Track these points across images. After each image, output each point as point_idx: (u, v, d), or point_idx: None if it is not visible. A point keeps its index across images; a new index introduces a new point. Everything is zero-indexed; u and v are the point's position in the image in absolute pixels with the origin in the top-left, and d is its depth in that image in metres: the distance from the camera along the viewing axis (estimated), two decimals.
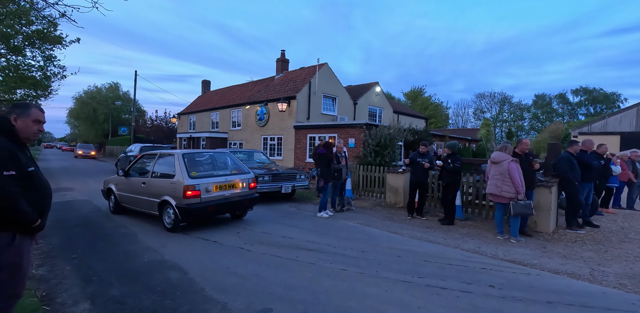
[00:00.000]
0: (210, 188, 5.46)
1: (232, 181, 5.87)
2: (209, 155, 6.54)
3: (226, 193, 5.70)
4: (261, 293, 3.10)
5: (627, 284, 3.58)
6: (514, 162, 5.26)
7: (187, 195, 5.17)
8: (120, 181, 6.51)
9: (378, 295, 3.12)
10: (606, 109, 48.41)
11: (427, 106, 44.53)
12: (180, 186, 5.20)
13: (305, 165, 14.56)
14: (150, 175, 5.86)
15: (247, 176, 6.22)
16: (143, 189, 5.87)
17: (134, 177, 6.24)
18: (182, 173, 5.30)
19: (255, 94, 18.69)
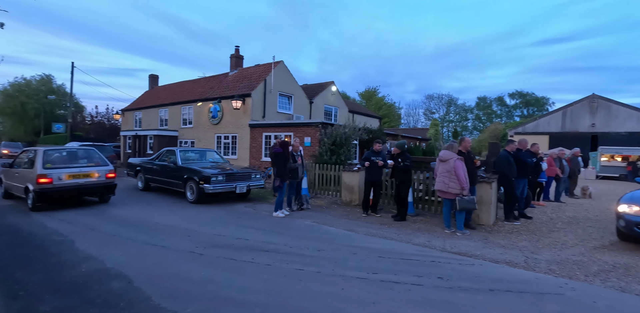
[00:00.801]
0: (62, 176, 6.92)
1: (87, 171, 7.32)
2: (72, 151, 7.80)
3: (80, 180, 7.16)
4: (215, 299, 2.98)
5: (556, 269, 3.98)
6: (460, 160, 5.60)
7: (40, 182, 6.65)
8: (6, 172, 8.18)
9: (335, 294, 3.14)
10: (537, 111, 53.53)
11: (381, 106, 46.00)
12: (35, 175, 6.68)
13: (261, 164, 14.32)
14: (21, 166, 7.43)
15: (105, 168, 7.60)
16: (16, 177, 7.50)
17: (14, 168, 7.73)
18: (38, 165, 6.80)
19: (208, 91, 18.00)
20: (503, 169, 6.43)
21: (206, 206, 7.76)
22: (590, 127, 24.83)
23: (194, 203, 8.03)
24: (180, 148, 9.66)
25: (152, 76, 24.96)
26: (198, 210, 7.23)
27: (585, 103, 25.24)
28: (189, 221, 6.12)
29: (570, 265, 4.16)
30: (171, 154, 9.42)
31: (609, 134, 24.04)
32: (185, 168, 8.50)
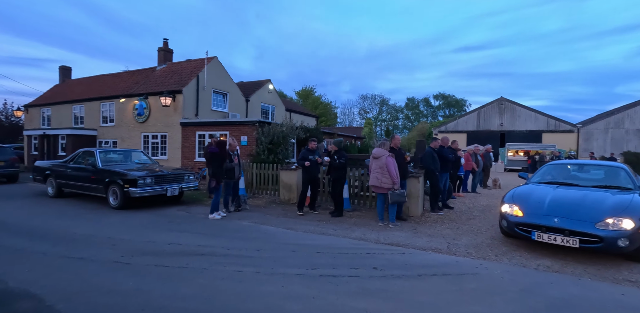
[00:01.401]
0: None
1: None
2: None
3: None
4: (146, 309, 2.77)
5: (473, 252, 4.47)
6: (391, 156, 5.98)
7: None
8: None
9: (275, 292, 3.14)
10: (457, 112, 59.16)
11: (318, 105, 46.79)
12: None
13: (194, 165, 13.61)
14: None
15: None
16: None
17: None
18: None
19: (133, 86, 16.52)
20: (429, 165, 7.01)
21: (133, 211, 7.15)
22: (499, 126, 28.23)
23: (118, 208, 7.34)
24: (100, 149, 8.74)
25: (63, 68, 22.10)
26: (123, 217, 6.63)
27: (495, 105, 28.61)
28: (112, 229, 5.58)
29: (484, 247, 4.71)
30: (89, 156, 8.47)
31: (514, 132, 27.60)
32: (107, 171, 7.72)
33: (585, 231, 3.99)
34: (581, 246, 4.01)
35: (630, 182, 5.11)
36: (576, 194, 4.65)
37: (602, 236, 3.90)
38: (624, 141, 24.14)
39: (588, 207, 4.25)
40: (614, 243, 3.85)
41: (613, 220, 3.99)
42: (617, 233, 3.88)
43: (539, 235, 4.25)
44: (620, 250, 3.91)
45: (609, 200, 4.38)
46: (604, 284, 3.52)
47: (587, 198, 4.47)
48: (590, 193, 4.67)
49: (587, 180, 5.48)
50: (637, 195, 4.54)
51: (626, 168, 5.51)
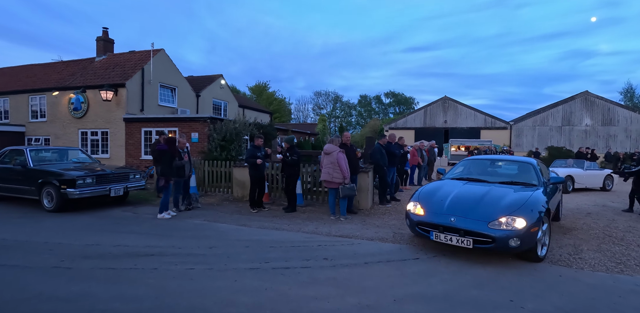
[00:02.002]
0: None
1: None
2: None
3: None
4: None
5: (415, 240, 4.86)
6: (342, 152, 6.23)
7: None
8: None
9: (228, 286, 3.21)
10: (406, 109, 61.93)
11: (272, 101, 46.29)
12: None
13: (140, 163, 12.90)
14: None
15: None
16: None
17: None
18: None
19: (67, 78, 15.16)
20: (377, 160, 7.40)
21: (72, 214, 6.68)
22: (444, 123, 30.15)
23: (54, 211, 6.80)
24: (31, 147, 7.99)
25: None
26: (61, 220, 6.18)
27: (440, 104, 30.48)
28: (49, 233, 5.21)
29: None
30: (18, 155, 7.71)
31: (456, 129, 29.64)
32: (40, 171, 7.10)
33: (479, 231, 3.81)
34: (475, 246, 3.83)
35: (536, 178, 4.96)
36: (479, 192, 4.44)
37: (494, 237, 3.71)
38: (548, 137, 27.08)
39: (486, 205, 4.07)
40: (506, 243, 3.68)
41: (506, 218, 3.81)
42: (509, 233, 3.69)
43: (436, 235, 4.06)
44: (512, 250, 3.79)
45: (507, 198, 4.19)
46: (523, 262, 4.05)
47: (487, 196, 4.28)
48: (493, 189, 4.50)
49: (497, 176, 5.36)
50: (536, 192, 4.40)
51: (534, 164, 5.35)
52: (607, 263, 4.08)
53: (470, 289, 3.21)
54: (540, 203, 4.16)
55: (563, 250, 4.52)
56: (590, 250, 4.58)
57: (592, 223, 6.15)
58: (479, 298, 3.03)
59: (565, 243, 4.84)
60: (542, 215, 4.00)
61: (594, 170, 11.39)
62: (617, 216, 6.83)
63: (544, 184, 4.85)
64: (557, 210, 5.85)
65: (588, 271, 3.79)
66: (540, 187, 4.68)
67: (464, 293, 3.12)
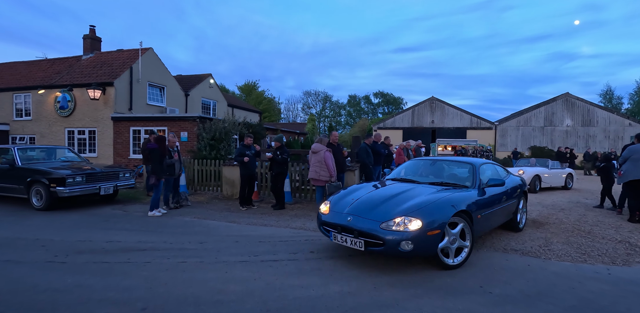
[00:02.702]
0: None
1: None
2: None
3: None
4: (88, 302, 2.85)
5: None
6: (329, 151, 6.46)
7: None
8: None
9: (218, 277, 3.39)
10: (395, 109, 62.63)
11: (261, 101, 46.27)
12: None
13: (128, 162, 12.89)
14: None
15: None
16: None
17: None
18: None
19: (53, 76, 15.00)
20: (363, 159, 7.64)
21: (61, 212, 6.74)
22: (431, 123, 30.70)
23: (44, 210, 6.84)
24: (18, 146, 7.98)
25: None
26: (51, 218, 6.25)
27: (427, 104, 31.03)
28: (40, 231, 5.29)
29: None
30: (5, 154, 7.70)
31: (443, 129, 30.23)
32: (29, 169, 7.12)
33: (370, 232, 3.49)
34: (368, 249, 3.50)
35: (470, 180, 4.58)
36: (393, 192, 4.13)
37: (384, 239, 3.38)
38: (532, 137, 27.87)
39: (389, 205, 3.75)
40: (396, 246, 3.33)
41: (402, 219, 3.45)
42: (400, 235, 3.35)
43: (334, 235, 3.80)
44: (405, 255, 3.41)
45: (417, 198, 3.84)
46: (496, 253, 4.35)
47: (399, 196, 3.97)
48: (412, 190, 4.17)
49: (434, 177, 4.97)
50: (458, 194, 4.04)
51: (476, 164, 4.84)
52: (573, 253, 4.40)
53: (444, 277, 3.47)
54: (454, 204, 3.73)
55: (534, 243, 4.83)
56: (559, 242, 4.90)
57: (563, 218, 6.52)
58: (451, 284, 3.29)
59: (537, 237, 5.16)
60: (449, 218, 3.55)
61: (558, 169, 11.56)
62: (588, 212, 7.24)
63: (479, 187, 4.42)
64: (514, 218, 5.25)
65: (555, 261, 4.09)
66: (472, 189, 4.33)
67: (438, 280, 3.37)
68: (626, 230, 5.63)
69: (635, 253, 4.45)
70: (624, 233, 5.43)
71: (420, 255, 3.60)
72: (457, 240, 3.72)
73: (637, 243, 4.90)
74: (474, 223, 3.95)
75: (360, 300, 2.93)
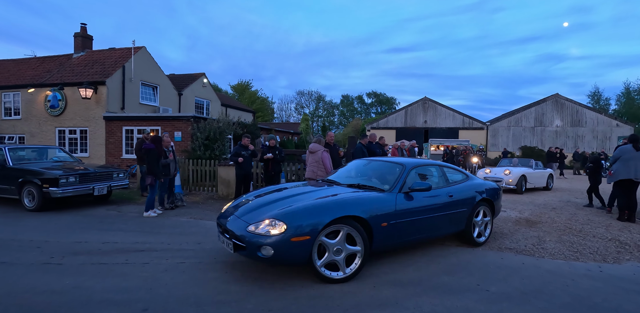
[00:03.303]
0: None
1: None
2: None
3: None
4: (89, 304, 2.84)
5: None
6: (326, 151, 6.49)
7: None
8: None
9: (219, 277, 3.39)
10: (388, 109, 62.91)
11: (254, 100, 46.11)
12: None
13: (121, 162, 12.75)
14: None
15: None
16: None
17: None
18: None
19: (44, 75, 14.76)
20: None
21: (54, 213, 6.65)
22: (424, 123, 30.94)
23: (36, 211, 6.74)
24: (9, 145, 7.85)
25: None
26: (44, 219, 6.16)
27: (420, 104, 31.26)
28: (34, 232, 5.21)
29: None
30: None
31: (436, 129, 30.49)
32: (21, 170, 7.01)
33: (236, 234, 3.28)
34: (236, 252, 3.30)
35: (392, 182, 4.03)
36: (295, 192, 3.91)
37: (246, 242, 3.15)
38: (522, 137, 28.28)
39: (273, 207, 3.48)
40: (256, 250, 3.08)
41: (270, 222, 3.17)
42: (261, 239, 3.07)
43: (218, 235, 3.69)
44: (267, 261, 3.10)
45: (306, 200, 3.52)
46: (491, 252, 4.43)
47: (295, 197, 3.69)
48: (315, 191, 3.94)
49: (363, 178, 4.55)
50: (351, 197, 3.62)
51: (407, 166, 4.26)
52: (566, 252, 4.51)
53: (442, 275, 3.53)
54: (342, 208, 3.33)
55: (528, 241, 4.93)
56: (552, 240, 5.01)
57: (555, 217, 6.66)
58: (449, 283, 3.35)
59: (531, 235, 5.27)
60: (324, 224, 3.13)
61: (541, 169, 11.36)
62: (579, 211, 7.40)
63: (400, 191, 3.90)
64: (467, 230, 4.52)
65: (548, 259, 4.19)
66: (388, 193, 3.83)
67: (436, 279, 3.43)
68: (616, 229, 5.78)
69: (625, 251, 4.57)
70: (613, 232, 5.57)
71: (286, 264, 3.32)
72: (344, 249, 3.27)
73: (626, 241, 5.04)
74: (374, 231, 3.44)
75: (360, 299, 2.97)
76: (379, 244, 3.58)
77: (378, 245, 3.56)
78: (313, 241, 3.11)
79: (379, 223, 3.51)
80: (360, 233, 3.36)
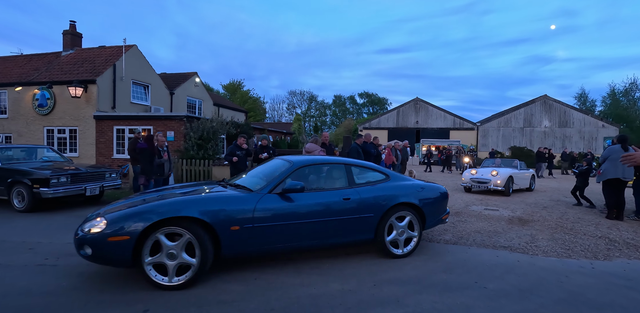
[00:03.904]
0: None
1: None
2: None
3: None
4: (87, 305, 2.80)
5: None
6: (323, 151, 6.51)
7: None
8: None
9: (216, 276, 3.38)
10: (380, 110, 63.27)
11: (246, 100, 45.92)
12: None
13: (112, 162, 12.57)
14: None
15: None
16: None
17: None
18: None
19: (31, 73, 14.46)
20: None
21: (45, 214, 6.52)
22: (415, 123, 31.21)
23: (26, 211, 6.60)
24: None
25: None
26: (35, 220, 6.04)
27: (412, 105, 31.52)
28: (25, 233, 5.11)
29: None
30: None
31: (427, 129, 30.78)
32: (9, 170, 6.86)
33: (76, 232, 3.19)
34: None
35: (268, 181, 3.70)
36: (169, 192, 3.86)
37: (74, 239, 3.11)
38: (511, 137, 28.75)
39: (126, 205, 3.39)
40: (79, 249, 3.05)
41: (99, 220, 3.08)
42: (81, 237, 3.02)
43: None
44: (91, 260, 3.05)
45: (167, 199, 3.37)
46: (487, 250, 4.50)
47: (162, 197, 3.51)
48: (186, 192, 3.81)
49: (258, 178, 4.09)
50: (195, 196, 3.46)
51: (295, 163, 3.90)
52: (558, 249, 4.61)
53: (440, 273, 3.58)
54: (176, 208, 3.09)
55: (521, 240, 5.02)
56: (544, 238, 5.12)
57: (547, 216, 6.79)
58: (448, 280, 3.40)
59: (524, 234, 5.37)
60: (146, 225, 2.95)
61: (524, 170, 11.02)
62: (569, 210, 7.56)
63: (271, 191, 3.54)
64: (378, 239, 3.93)
65: (542, 257, 4.28)
66: (255, 193, 3.51)
67: (435, 277, 3.48)
68: (605, 227, 5.93)
69: (615, 248, 4.70)
70: (603, 230, 5.71)
71: (107, 263, 3.12)
72: (178, 255, 3.04)
73: (615, 238, 5.17)
74: (221, 235, 3.15)
75: (362, 297, 2.99)
76: (231, 250, 3.25)
77: (230, 250, 3.24)
78: (134, 242, 2.93)
79: (227, 227, 3.18)
80: (198, 237, 3.05)
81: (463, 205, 7.88)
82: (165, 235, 3.05)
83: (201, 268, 3.10)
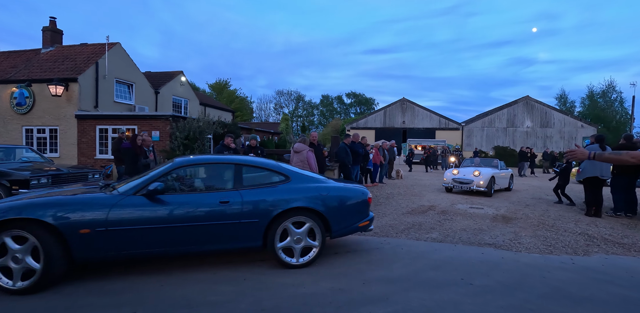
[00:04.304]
0: None
1: None
2: None
3: None
4: (72, 307, 2.73)
5: (378, 232, 5.26)
6: (311, 151, 6.52)
7: None
8: None
9: (208, 278, 3.35)
10: (367, 110, 63.62)
11: (233, 100, 45.48)
12: None
13: (94, 163, 12.26)
14: None
15: None
16: None
17: None
18: None
19: (9, 70, 13.96)
20: (342, 159, 7.78)
21: None
22: (402, 123, 31.54)
23: None
24: None
25: None
26: None
27: (398, 105, 31.84)
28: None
29: (387, 227, 5.57)
30: None
31: (414, 129, 31.15)
32: None
33: None
34: None
35: (137, 182, 3.50)
36: (58, 192, 3.68)
37: None
38: (495, 137, 29.38)
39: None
40: None
41: None
42: None
43: None
44: None
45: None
46: (472, 247, 4.60)
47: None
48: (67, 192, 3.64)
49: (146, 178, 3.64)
50: (51, 198, 3.25)
51: (176, 162, 3.68)
52: (540, 246, 4.75)
53: (428, 271, 3.64)
54: (11, 208, 2.98)
55: (505, 237, 5.15)
56: (527, 235, 5.26)
57: (529, 213, 6.98)
58: (435, 278, 3.46)
59: (507, 231, 5.50)
60: None
61: (504, 170, 10.83)
62: (550, 207, 7.79)
63: (136, 192, 3.33)
64: (272, 246, 3.58)
65: (525, 253, 4.40)
66: (116, 195, 3.32)
67: (423, 274, 3.53)
68: (584, 223, 6.13)
69: (594, 244, 4.87)
70: (582, 226, 5.91)
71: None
72: (23, 259, 2.91)
73: (594, 235, 5.36)
74: (69, 239, 2.99)
75: (352, 296, 3.01)
76: (82, 254, 3.07)
77: (81, 254, 3.07)
78: None
79: (76, 230, 3.01)
80: (42, 240, 2.91)
81: (449, 203, 8.02)
82: (12, 238, 2.93)
83: (48, 273, 2.93)
